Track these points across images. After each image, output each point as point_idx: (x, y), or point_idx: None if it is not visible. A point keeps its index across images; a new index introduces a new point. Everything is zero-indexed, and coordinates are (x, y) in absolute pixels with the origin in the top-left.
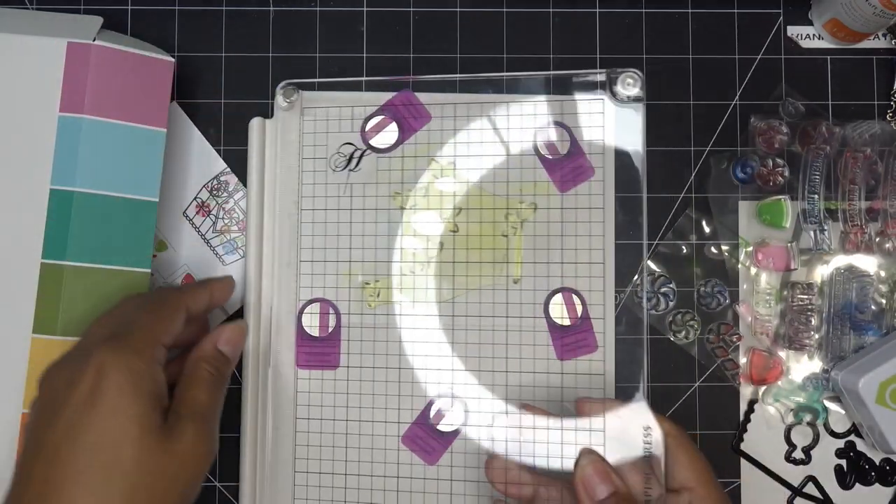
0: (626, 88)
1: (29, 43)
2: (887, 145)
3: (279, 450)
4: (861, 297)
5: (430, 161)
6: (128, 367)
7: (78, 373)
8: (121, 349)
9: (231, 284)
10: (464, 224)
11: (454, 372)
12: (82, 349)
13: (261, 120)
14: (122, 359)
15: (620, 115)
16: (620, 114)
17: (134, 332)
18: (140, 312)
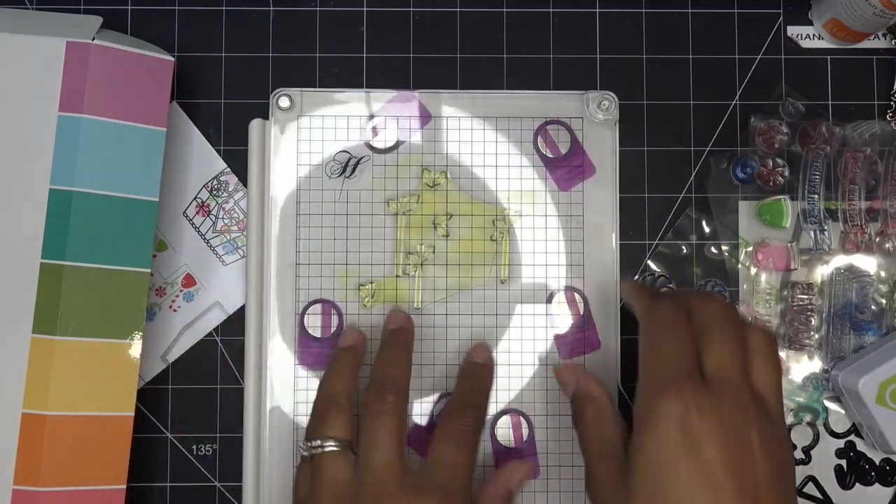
0: (601, 111)
1: (28, 42)
2: (887, 145)
3: (280, 450)
4: (861, 297)
5: (423, 170)
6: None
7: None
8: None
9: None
10: (455, 229)
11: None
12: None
13: (261, 121)
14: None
15: (595, 133)
16: (595, 132)
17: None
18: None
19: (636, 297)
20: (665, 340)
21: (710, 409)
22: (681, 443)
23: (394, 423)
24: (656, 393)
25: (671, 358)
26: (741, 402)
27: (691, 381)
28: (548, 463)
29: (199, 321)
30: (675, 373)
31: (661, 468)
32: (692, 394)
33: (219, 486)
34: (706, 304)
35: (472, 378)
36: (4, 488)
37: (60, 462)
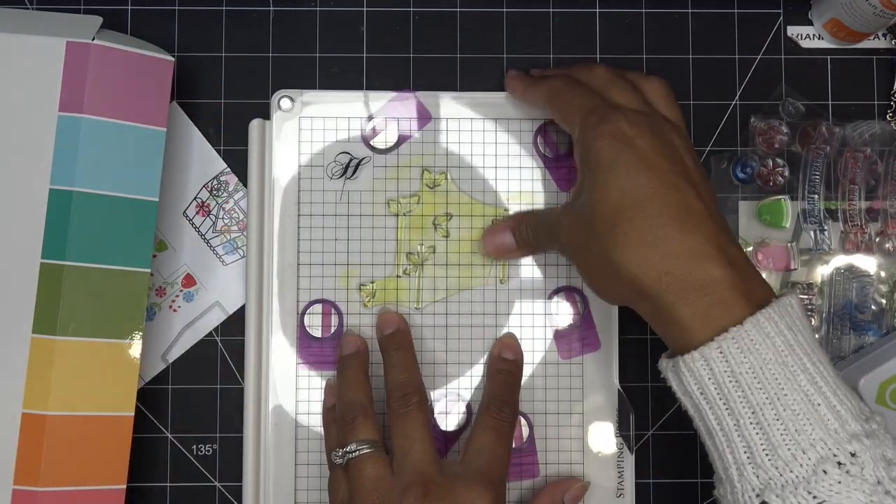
0: None
1: (28, 42)
2: (887, 145)
3: (281, 450)
4: (861, 297)
5: (424, 171)
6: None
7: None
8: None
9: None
10: (455, 229)
11: (458, 370)
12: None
13: (261, 121)
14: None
15: None
16: None
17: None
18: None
19: (526, 87)
20: (574, 95)
21: (636, 121)
22: (619, 147)
23: (423, 419)
24: (586, 130)
25: (587, 103)
26: (658, 119)
27: (612, 109)
28: (547, 462)
29: (199, 321)
30: (597, 106)
31: (606, 173)
32: (616, 115)
33: (219, 486)
34: (593, 69)
35: (504, 375)
36: (4, 488)
37: (60, 462)
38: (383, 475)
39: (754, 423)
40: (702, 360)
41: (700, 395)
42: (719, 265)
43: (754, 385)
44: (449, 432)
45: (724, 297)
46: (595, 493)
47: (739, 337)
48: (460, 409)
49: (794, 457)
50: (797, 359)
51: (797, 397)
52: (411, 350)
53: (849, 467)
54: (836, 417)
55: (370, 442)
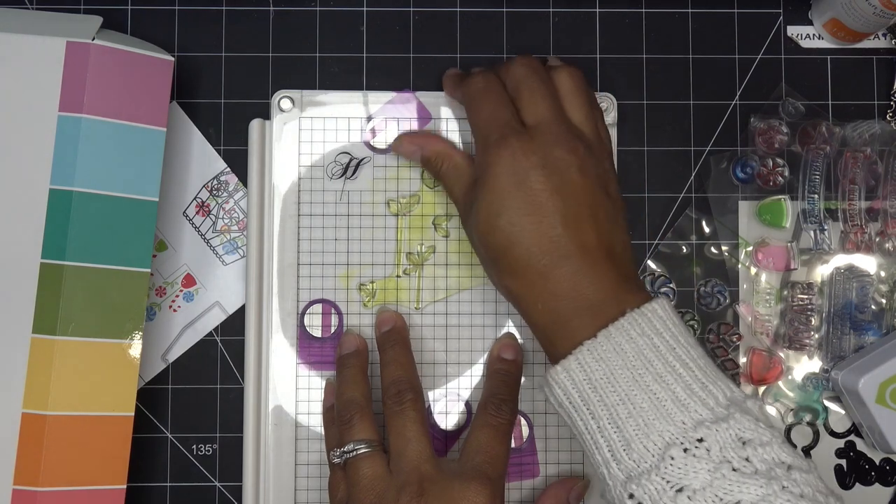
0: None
1: (28, 42)
2: (887, 145)
3: (281, 450)
4: (861, 297)
5: (424, 171)
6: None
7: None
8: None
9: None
10: (455, 229)
11: (457, 370)
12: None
13: (261, 121)
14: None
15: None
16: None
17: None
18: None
19: (455, 86)
20: (484, 104)
21: (532, 150)
22: (511, 182)
23: (418, 417)
24: (486, 148)
25: (493, 117)
26: (558, 138)
27: (513, 131)
28: (547, 462)
29: (199, 321)
30: (498, 128)
31: (496, 206)
32: (515, 140)
33: (219, 486)
34: (510, 67)
35: (503, 374)
36: (4, 488)
37: (60, 462)
38: (380, 474)
39: (611, 422)
40: (563, 371)
41: (568, 402)
42: (591, 290)
43: (608, 388)
44: (449, 432)
45: (589, 319)
46: (595, 493)
47: (593, 348)
48: (460, 408)
49: (645, 448)
50: (645, 362)
51: (644, 396)
52: (407, 347)
53: (694, 451)
54: (682, 409)
55: (367, 441)
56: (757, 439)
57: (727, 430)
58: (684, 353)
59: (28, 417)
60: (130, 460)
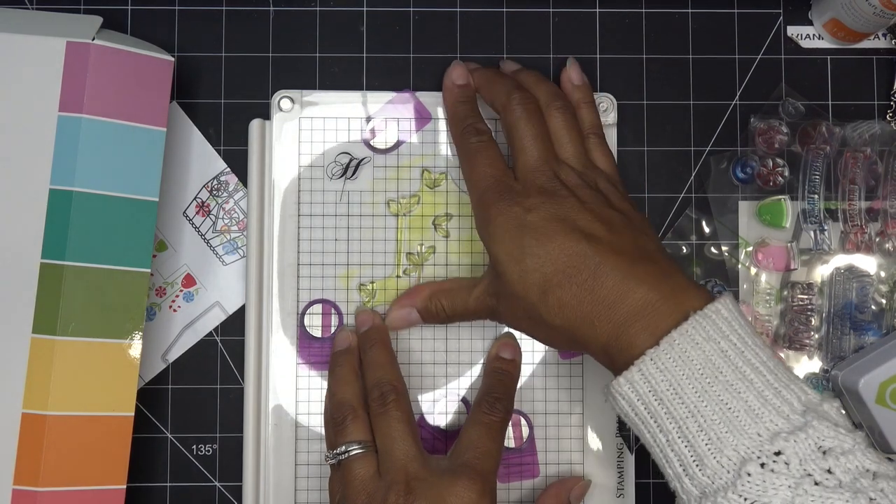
0: (600, 112)
1: (28, 42)
2: (887, 145)
3: (281, 450)
4: (861, 297)
5: (424, 171)
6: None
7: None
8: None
9: None
10: (455, 230)
11: (457, 370)
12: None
13: (261, 121)
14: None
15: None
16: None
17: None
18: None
19: (455, 126)
20: (476, 165)
21: (525, 197)
22: (517, 225)
23: (402, 416)
24: (484, 206)
25: (484, 176)
26: (548, 183)
27: (505, 187)
28: (547, 462)
29: (199, 321)
30: (491, 186)
31: (516, 252)
32: (508, 194)
33: (219, 486)
34: (508, 105)
35: (499, 374)
36: (4, 488)
37: (60, 462)
38: (371, 475)
39: (681, 436)
40: (627, 384)
41: (634, 415)
42: (640, 293)
43: (675, 401)
44: (449, 431)
45: (646, 323)
46: (595, 493)
47: (657, 357)
48: (460, 408)
49: (719, 464)
50: (714, 369)
51: (714, 408)
52: (386, 346)
53: (772, 466)
54: (756, 421)
55: (360, 442)
56: (838, 447)
57: (806, 440)
58: (753, 356)
59: (28, 417)
60: (130, 460)
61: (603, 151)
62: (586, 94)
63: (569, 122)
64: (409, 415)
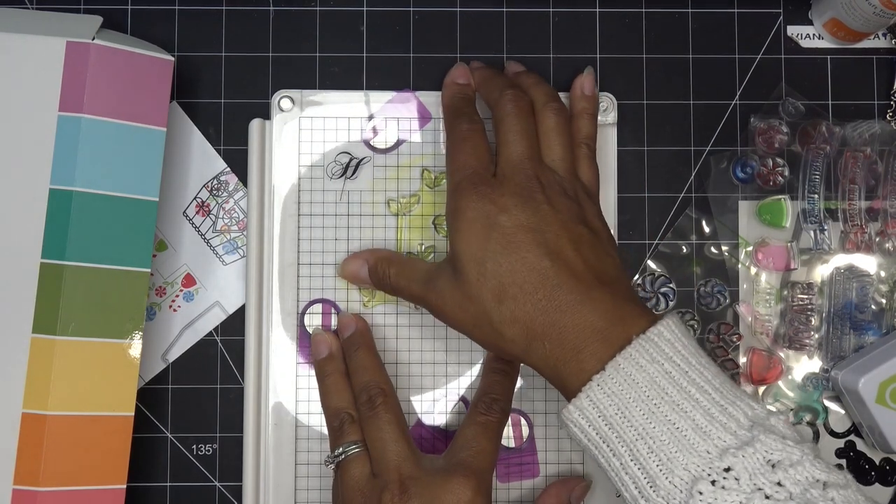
0: (600, 112)
1: (28, 42)
2: (887, 145)
3: (281, 449)
4: (861, 297)
5: (424, 171)
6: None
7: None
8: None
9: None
10: None
11: (457, 370)
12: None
13: (261, 121)
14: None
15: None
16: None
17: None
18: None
19: (446, 118)
20: (460, 153)
21: (500, 193)
22: (485, 225)
23: (392, 418)
24: (457, 196)
25: (465, 164)
26: (525, 179)
27: (481, 179)
28: (547, 462)
29: (199, 321)
30: (467, 175)
31: (479, 252)
32: (483, 186)
33: (219, 486)
34: (500, 101)
35: (498, 374)
36: (4, 488)
37: (60, 462)
38: (367, 475)
39: (633, 459)
40: (577, 411)
41: (587, 441)
42: (591, 316)
43: (624, 424)
44: (448, 431)
45: (595, 349)
46: (595, 493)
47: (603, 382)
48: (459, 409)
49: (672, 484)
50: (659, 391)
51: (663, 428)
52: (371, 349)
53: (723, 483)
54: (705, 438)
55: (357, 443)
56: (786, 459)
57: (754, 454)
58: (698, 375)
59: (28, 417)
60: (130, 460)
61: (590, 164)
62: (591, 105)
63: (561, 125)
64: (400, 415)
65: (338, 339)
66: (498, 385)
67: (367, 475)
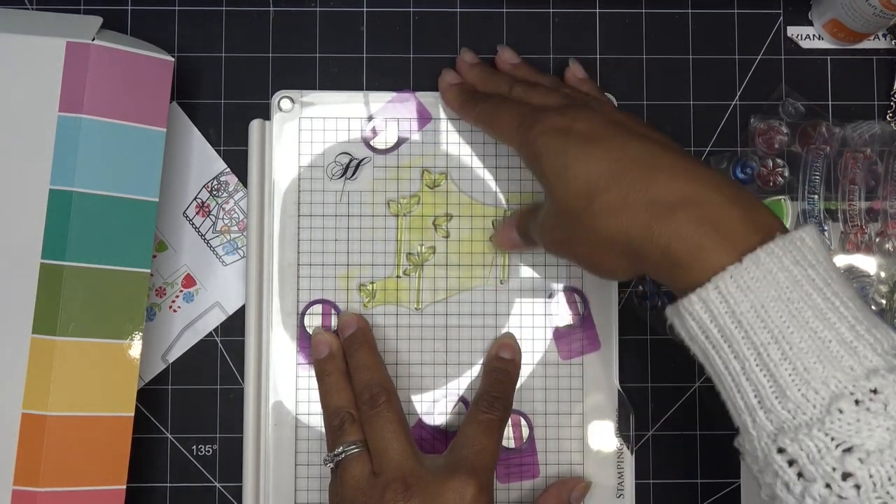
0: None
1: (28, 43)
2: (887, 145)
3: (281, 449)
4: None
5: (424, 171)
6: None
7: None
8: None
9: None
10: (455, 230)
11: (458, 370)
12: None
13: (261, 122)
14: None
15: None
16: None
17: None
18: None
19: (463, 111)
20: (501, 113)
21: (563, 111)
22: (561, 139)
23: (394, 417)
24: (523, 133)
25: (515, 113)
26: (581, 99)
27: (538, 109)
28: (547, 462)
29: (199, 321)
30: (524, 113)
31: (561, 163)
32: (543, 113)
33: (219, 486)
34: (513, 88)
35: (498, 373)
36: (4, 488)
37: (60, 462)
38: (368, 474)
39: (760, 364)
40: (700, 302)
41: (704, 338)
42: (713, 201)
43: (757, 325)
44: (448, 432)
45: (723, 234)
46: (595, 493)
47: (738, 275)
48: (460, 409)
49: (804, 397)
50: (804, 294)
51: (804, 335)
52: (372, 348)
53: (868, 404)
54: (851, 353)
55: (356, 442)
56: None
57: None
58: (841, 289)
59: (28, 417)
60: (130, 460)
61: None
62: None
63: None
64: (401, 414)
65: (338, 338)
66: (499, 384)
67: (368, 474)
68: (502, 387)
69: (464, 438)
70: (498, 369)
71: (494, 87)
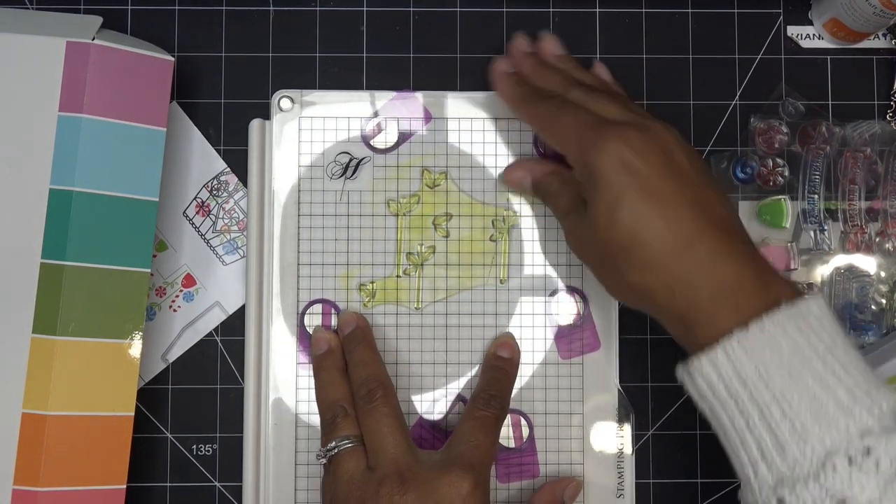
0: None
1: (28, 42)
2: (887, 145)
3: (281, 449)
4: (861, 297)
5: (424, 171)
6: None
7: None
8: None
9: None
10: (455, 230)
11: (458, 370)
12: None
13: (261, 121)
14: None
15: None
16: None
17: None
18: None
19: (519, 107)
20: (564, 117)
21: (630, 140)
22: (622, 172)
23: (391, 412)
24: (586, 150)
25: (579, 121)
26: (649, 125)
27: (607, 124)
28: (547, 462)
29: (199, 321)
30: (590, 128)
31: (614, 200)
32: (613, 132)
33: (219, 486)
34: (569, 89)
35: (496, 371)
36: (4, 488)
37: (60, 462)
38: (362, 469)
39: (762, 421)
40: (709, 364)
41: (712, 395)
42: (731, 270)
43: (759, 385)
44: (447, 431)
45: (735, 301)
46: (595, 493)
47: (744, 340)
48: (460, 408)
49: (801, 453)
50: (804, 360)
51: (802, 397)
52: (371, 345)
53: (860, 462)
54: (847, 414)
55: (350, 437)
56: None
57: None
58: (843, 355)
59: (28, 417)
60: (130, 460)
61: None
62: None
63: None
64: (398, 410)
65: (337, 337)
66: (496, 382)
67: (363, 469)
68: (499, 385)
69: (460, 435)
70: (495, 367)
71: (550, 84)
